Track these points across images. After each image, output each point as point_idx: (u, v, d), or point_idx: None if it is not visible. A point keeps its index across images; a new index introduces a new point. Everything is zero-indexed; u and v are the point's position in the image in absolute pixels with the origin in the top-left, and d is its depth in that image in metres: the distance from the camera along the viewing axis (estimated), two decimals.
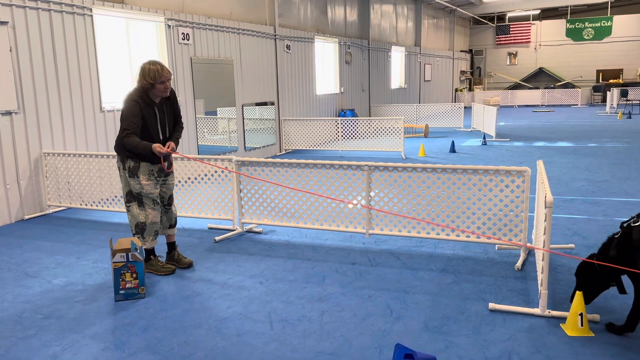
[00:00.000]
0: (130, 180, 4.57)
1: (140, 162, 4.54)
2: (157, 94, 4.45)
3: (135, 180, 4.56)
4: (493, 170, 4.72)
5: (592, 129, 16.02)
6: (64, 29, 7.46)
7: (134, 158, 4.52)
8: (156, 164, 4.62)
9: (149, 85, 4.39)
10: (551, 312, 3.72)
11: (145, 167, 4.55)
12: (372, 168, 5.18)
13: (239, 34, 11.11)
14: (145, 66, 4.42)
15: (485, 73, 32.62)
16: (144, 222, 4.66)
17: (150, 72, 4.36)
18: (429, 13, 24.65)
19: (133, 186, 4.58)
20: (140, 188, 4.57)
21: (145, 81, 4.38)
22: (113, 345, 3.49)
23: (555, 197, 7.25)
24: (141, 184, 4.56)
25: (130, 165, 4.55)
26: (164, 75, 4.40)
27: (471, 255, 5.04)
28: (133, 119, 4.35)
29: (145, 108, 4.43)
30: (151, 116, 4.48)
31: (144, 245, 4.70)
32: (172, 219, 4.93)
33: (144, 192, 4.58)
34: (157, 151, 4.36)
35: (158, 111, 4.54)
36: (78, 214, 7.29)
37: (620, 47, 28.81)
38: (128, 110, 4.38)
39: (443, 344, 3.37)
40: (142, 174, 4.55)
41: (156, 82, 4.39)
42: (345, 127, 12.69)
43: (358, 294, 4.21)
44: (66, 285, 4.59)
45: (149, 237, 4.70)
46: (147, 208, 4.64)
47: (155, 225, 4.70)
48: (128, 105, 4.40)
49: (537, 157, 10.92)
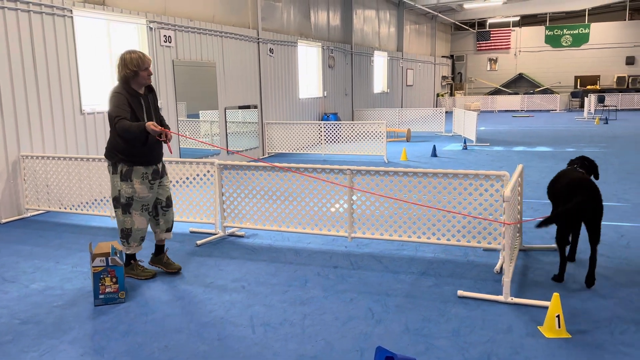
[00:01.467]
0: (123, 184, 4.42)
1: (133, 165, 4.41)
2: (141, 81, 4.35)
3: (128, 184, 4.41)
4: (473, 175, 4.78)
5: (571, 134, 16.30)
6: (43, 30, 7.37)
7: (127, 162, 4.39)
8: (151, 165, 4.50)
9: (132, 74, 4.27)
10: (513, 299, 4.01)
11: (138, 170, 4.42)
12: (354, 172, 5.21)
13: (222, 37, 11.09)
14: (125, 56, 4.30)
15: (466, 78, 33.00)
16: (129, 229, 4.53)
17: (133, 60, 4.26)
18: (411, 19, 24.88)
19: (125, 190, 4.43)
20: (133, 192, 4.42)
21: (128, 70, 4.27)
22: (92, 350, 3.45)
23: (534, 201, 7.36)
24: (134, 188, 4.42)
25: (123, 170, 4.41)
26: (146, 62, 4.32)
27: (451, 258, 5.10)
28: (121, 107, 4.23)
29: (131, 99, 4.31)
30: (138, 107, 4.37)
31: (128, 250, 4.60)
32: (169, 222, 4.84)
33: (136, 197, 4.44)
34: (151, 129, 4.19)
35: (144, 102, 4.44)
36: (57, 217, 7.19)
37: (597, 54, 29.39)
38: (114, 102, 4.26)
39: (423, 346, 3.40)
40: (136, 178, 4.42)
41: (140, 69, 4.28)
42: (328, 131, 12.73)
43: (340, 297, 4.22)
44: (44, 290, 4.53)
45: (134, 243, 4.60)
46: (134, 214, 4.49)
47: (141, 231, 4.59)
48: (113, 97, 4.29)
49: (516, 161, 11.08)
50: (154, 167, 4.54)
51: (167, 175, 4.80)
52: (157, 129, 4.21)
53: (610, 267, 4.70)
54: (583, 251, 5.13)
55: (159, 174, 4.62)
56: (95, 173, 6.77)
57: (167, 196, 4.76)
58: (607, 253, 5.06)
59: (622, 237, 5.59)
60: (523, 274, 4.61)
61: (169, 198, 4.78)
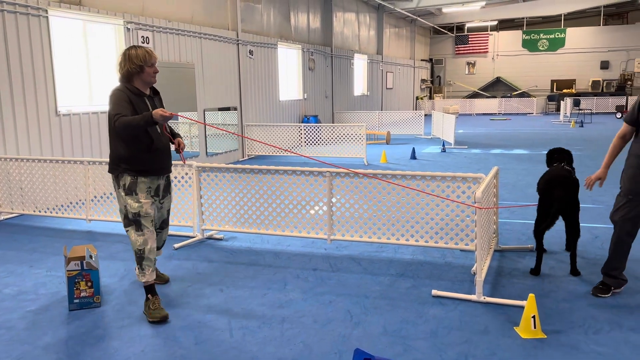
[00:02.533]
0: (128, 199, 3.90)
1: (137, 177, 3.91)
2: (147, 79, 3.89)
3: (134, 198, 3.91)
4: (450, 177, 4.82)
5: (547, 136, 16.57)
6: (17, 30, 7.23)
7: (130, 171, 3.88)
8: (156, 178, 4.02)
9: (137, 69, 3.82)
10: (487, 298, 4.09)
11: (143, 184, 3.94)
12: (333, 174, 5.22)
13: (201, 38, 11.01)
14: (130, 51, 3.85)
15: (445, 82, 33.33)
16: (142, 249, 3.93)
17: (139, 55, 3.82)
18: (390, 22, 25.05)
19: (131, 205, 3.90)
20: (140, 207, 3.91)
21: (133, 64, 3.81)
22: (66, 356, 3.38)
23: (511, 202, 7.46)
24: (141, 203, 3.91)
25: (127, 183, 3.90)
26: (153, 57, 3.89)
27: (430, 259, 5.13)
28: (121, 104, 3.74)
29: (134, 98, 3.84)
30: (142, 108, 3.86)
31: (143, 278, 3.96)
32: (160, 242, 4.45)
33: (143, 212, 3.91)
34: (160, 114, 3.64)
35: (149, 103, 3.96)
36: (31, 220, 7.05)
37: (573, 58, 29.95)
38: (113, 100, 3.79)
39: (401, 347, 3.41)
40: (141, 192, 3.93)
41: (146, 64, 3.84)
42: (308, 133, 12.73)
43: (319, 299, 4.22)
44: (17, 295, 4.43)
45: (148, 269, 3.95)
46: (146, 230, 3.94)
47: (154, 251, 4.02)
48: (112, 95, 3.81)
49: (494, 164, 11.22)
50: (158, 183, 4.07)
51: (170, 195, 4.28)
52: (166, 114, 3.64)
53: (585, 267, 4.78)
54: (559, 250, 5.22)
55: (160, 192, 4.13)
56: (71, 175, 6.66)
57: (164, 219, 4.35)
58: (582, 254, 5.14)
59: (597, 239, 5.70)
60: (498, 274, 4.66)
61: (165, 221, 4.36)
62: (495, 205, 5.23)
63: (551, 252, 5.22)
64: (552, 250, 5.29)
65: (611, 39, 29.02)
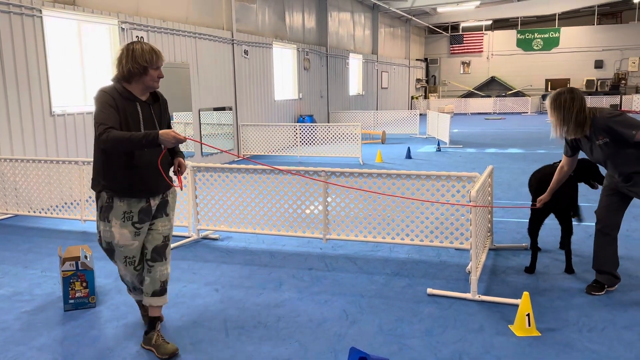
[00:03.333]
0: (100, 224, 3.27)
1: (113, 198, 3.17)
2: (148, 84, 3.20)
3: (106, 225, 3.22)
4: (445, 176, 4.84)
5: (541, 136, 16.63)
6: (11, 30, 7.21)
7: (108, 190, 3.19)
8: (141, 200, 3.23)
9: (140, 70, 3.12)
10: (481, 296, 4.10)
11: (120, 207, 3.18)
12: (329, 174, 5.23)
13: (196, 38, 11.00)
14: (134, 47, 3.14)
15: (440, 81, 33.40)
16: (122, 276, 3.54)
17: (145, 54, 3.12)
18: (385, 22, 25.08)
19: (103, 233, 3.27)
20: (112, 237, 3.22)
21: (136, 64, 3.11)
22: (61, 356, 3.38)
23: (505, 201, 7.49)
24: (112, 232, 3.20)
25: (103, 204, 3.20)
26: (161, 59, 3.21)
27: (425, 258, 5.15)
28: (105, 110, 3.04)
29: (123, 103, 3.12)
30: (132, 115, 3.14)
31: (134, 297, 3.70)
32: (156, 284, 3.37)
33: (115, 244, 3.25)
34: (173, 136, 2.99)
35: (142, 110, 3.21)
36: (26, 221, 7.03)
37: (567, 57, 30.07)
38: (97, 104, 3.09)
39: (397, 346, 3.43)
40: (115, 217, 3.18)
41: (151, 66, 3.15)
42: (303, 133, 12.73)
43: (314, 299, 4.23)
44: (12, 296, 4.42)
45: (129, 290, 3.68)
46: (118, 264, 3.40)
47: (130, 282, 3.51)
48: (97, 97, 3.12)
49: (488, 163, 11.25)
50: (143, 205, 3.25)
51: (167, 216, 3.41)
52: (180, 137, 3.02)
53: (579, 266, 4.81)
54: (554, 249, 5.25)
55: (150, 214, 3.31)
56: (66, 176, 6.64)
57: (156, 246, 3.35)
58: (576, 252, 5.17)
59: (590, 237, 5.72)
60: (493, 273, 4.68)
61: (157, 249, 3.35)
62: (490, 205, 5.25)
63: (545, 251, 5.24)
64: (546, 248, 5.32)
65: (605, 39, 29.16)
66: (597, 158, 4.07)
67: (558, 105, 3.95)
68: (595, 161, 4.16)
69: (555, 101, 3.96)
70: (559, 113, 3.95)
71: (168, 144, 3.02)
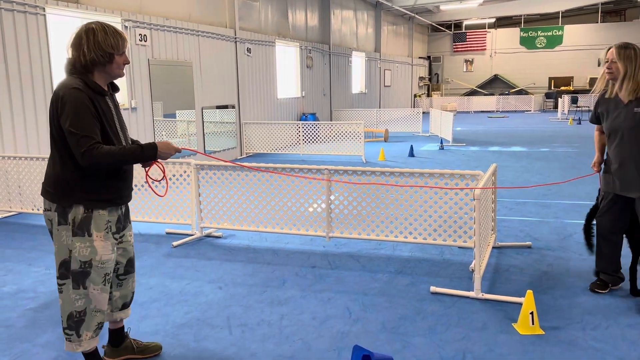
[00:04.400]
0: (76, 241, 2.75)
1: (94, 209, 2.76)
2: (114, 72, 2.81)
3: (84, 240, 2.75)
4: (448, 174, 4.84)
5: (545, 134, 16.59)
6: (15, 29, 7.22)
7: (88, 202, 2.75)
8: (120, 207, 2.93)
9: (104, 58, 2.72)
10: (484, 294, 4.09)
11: (102, 217, 2.79)
12: (332, 172, 5.23)
13: (199, 36, 11.00)
14: (95, 28, 2.71)
15: (443, 79, 33.35)
16: (82, 311, 2.83)
17: (109, 37, 2.72)
18: (388, 20, 25.04)
19: (78, 251, 2.76)
20: (92, 254, 2.77)
21: (100, 52, 2.70)
22: (65, 353, 3.39)
23: (508, 200, 7.48)
24: (93, 247, 2.77)
25: (78, 216, 2.74)
26: (126, 42, 2.83)
27: (428, 256, 5.15)
28: (86, 118, 2.63)
29: (96, 99, 2.73)
30: (106, 110, 2.79)
31: (79, 347, 2.87)
32: (127, 296, 3.16)
33: (96, 261, 2.79)
34: (174, 148, 2.87)
35: (111, 103, 2.87)
36: (30, 219, 7.05)
37: (570, 55, 29.98)
38: (75, 106, 2.62)
39: (400, 344, 3.43)
40: (97, 230, 2.77)
41: (117, 52, 2.76)
42: (306, 131, 12.73)
43: (317, 297, 4.23)
44: (16, 293, 4.43)
45: (87, 334, 2.87)
46: (92, 288, 2.82)
47: (100, 315, 2.89)
48: (69, 100, 2.63)
49: (491, 161, 11.24)
50: (120, 213, 2.94)
51: (130, 224, 3.13)
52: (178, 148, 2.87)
53: (584, 264, 4.80)
54: (558, 247, 5.24)
55: (121, 222, 2.98)
56: None
57: (130, 258, 3.11)
58: (580, 251, 5.16)
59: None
60: (496, 271, 4.68)
61: (130, 261, 3.11)
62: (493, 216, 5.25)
63: (549, 249, 5.23)
64: (549, 247, 5.31)
65: (609, 36, 29.03)
66: (618, 125, 3.80)
67: (628, 57, 3.65)
68: (611, 129, 3.88)
69: (625, 50, 3.65)
70: (629, 65, 3.63)
71: (166, 157, 2.82)
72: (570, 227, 6.03)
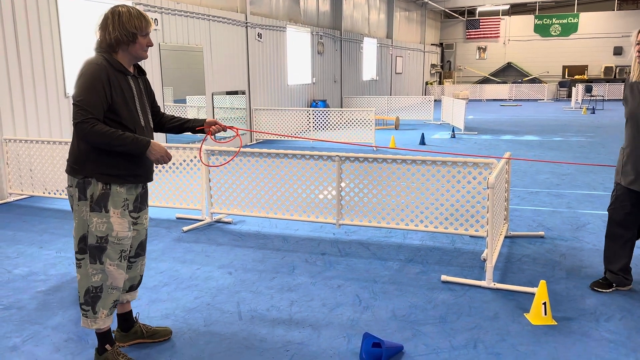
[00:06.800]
0: (93, 216, 2.80)
1: (111, 185, 2.82)
2: (137, 53, 2.89)
3: (101, 216, 2.81)
4: (461, 162, 4.77)
5: (558, 123, 16.39)
6: (26, 13, 7.20)
7: (103, 176, 2.79)
8: (138, 186, 2.98)
9: (128, 38, 2.80)
10: (496, 284, 4.06)
11: (119, 194, 2.84)
12: (342, 159, 5.18)
13: (209, 21, 10.93)
14: (121, 10, 2.81)
15: (455, 67, 33.01)
16: (99, 287, 2.88)
17: (133, 19, 2.81)
18: (401, 6, 24.75)
19: (95, 226, 2.81)
20: (109, 229, 2.82)
21: (125, 31, 2.79)
22: (76, 336, 3.41)
23: (520, 189, 7.40)
24: (110, 223, 2.82)
25: (96, 192, 2.79)
26: (151, 24, 2.91)
27: (439, 245, 5.11)
28: (92, 92, 2.68)
29: (116, 78, 2.80)
30: (126, 89, 2.86)
31: (94, 325, 2.91)
32: (135, 279, 3.19)
33: (112, 237, 2.84)
34: (165, 152, 2.86)
35: (134, 85, 2.93)
36: (41, 202, 7.09)
37: (585, 43, 29.52)
38: (87, 80, 2.70)
39: (410, 332, 3.40)
40: (114, 207, 2.82)
41: (140, 32, 2.83)
42: (316, 118, 12.66)
43: (327, 283, 4.21)
44: (28, 275, 4.46)
45: (103, 312, 2.91)
46: (108, 263, 2.87)
47: (115, 292, 2.94)
48: (86, 71, 2.74)
49: (504, 150, 11.12)
50: (140, 191, 3.01)
51: (147, 207, 3.16)
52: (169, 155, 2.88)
53: (598, 254, 4.73)
54: (571, 237, 5.17)
55: (139, 201, 3.03)
56: None
57: (141, 241, 3.13)
58: (594, 241, 5.09)
59: None
60: (508, 261, 4.63)
61: (142, 244, 3.14)
62: (506, 205, 5.18)
63: (562, 239, 5.17)
64: (562, 237, 5.25)
65: (625, 25, 28.53)
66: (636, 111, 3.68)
67: None
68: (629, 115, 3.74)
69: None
70: None
71: (152, 157, 2.82)
72: (584, 217, 5.96)
